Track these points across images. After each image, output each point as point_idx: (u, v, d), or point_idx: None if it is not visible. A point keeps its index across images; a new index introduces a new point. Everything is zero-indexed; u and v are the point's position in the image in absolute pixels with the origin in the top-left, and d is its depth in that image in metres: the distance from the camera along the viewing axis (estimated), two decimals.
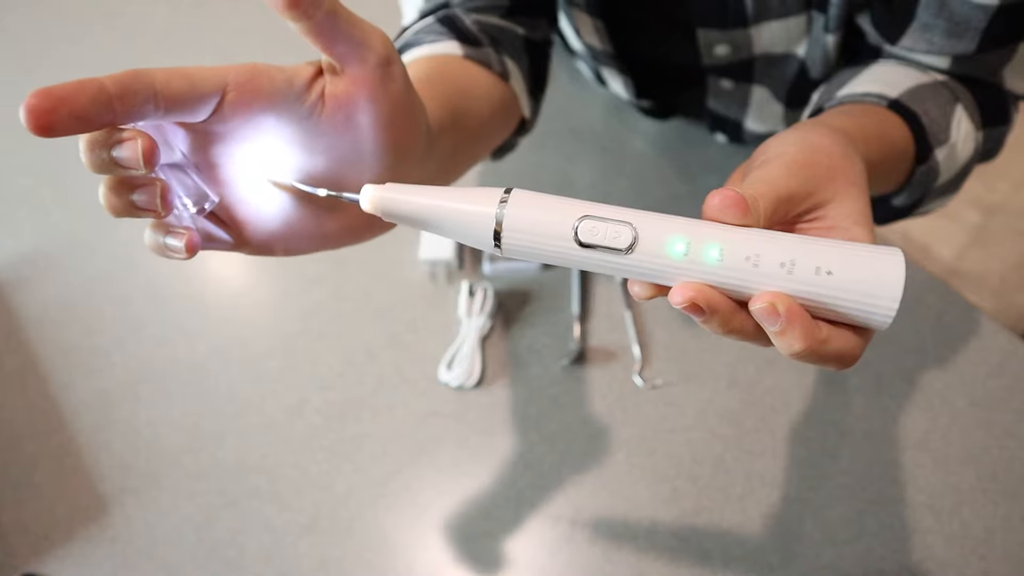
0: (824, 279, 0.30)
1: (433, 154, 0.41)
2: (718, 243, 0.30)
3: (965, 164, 0.54)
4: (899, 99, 0.49)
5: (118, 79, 0.28)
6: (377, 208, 0.33)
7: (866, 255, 0.30)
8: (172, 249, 0.32)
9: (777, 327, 0.30)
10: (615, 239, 0.31)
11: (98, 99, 0.27)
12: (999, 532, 0.60)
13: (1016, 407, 0.66)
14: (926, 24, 0.50)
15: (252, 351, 0.73)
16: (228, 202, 0.35)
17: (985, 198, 0.82)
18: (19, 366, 0.73)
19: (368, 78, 0.33)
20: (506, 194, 0.32)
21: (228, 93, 0.31)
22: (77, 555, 0.63)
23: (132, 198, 0.31)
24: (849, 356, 0.32)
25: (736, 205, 0.31)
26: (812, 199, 0.34)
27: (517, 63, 0.56)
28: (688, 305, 0.30)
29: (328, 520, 0.64)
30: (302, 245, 0.38)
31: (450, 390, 0.69)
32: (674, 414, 0.67)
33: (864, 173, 0.37)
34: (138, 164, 0.29)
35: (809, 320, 0.30)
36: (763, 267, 0.30)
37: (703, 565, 0.60)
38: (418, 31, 0.54)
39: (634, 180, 0.83)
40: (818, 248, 0.30)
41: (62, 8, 1.10)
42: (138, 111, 0.28)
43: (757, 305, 0.30)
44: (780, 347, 0.31)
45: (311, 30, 0.30)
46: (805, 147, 0.36)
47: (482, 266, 0.76)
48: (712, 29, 0.60)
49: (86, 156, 0.29)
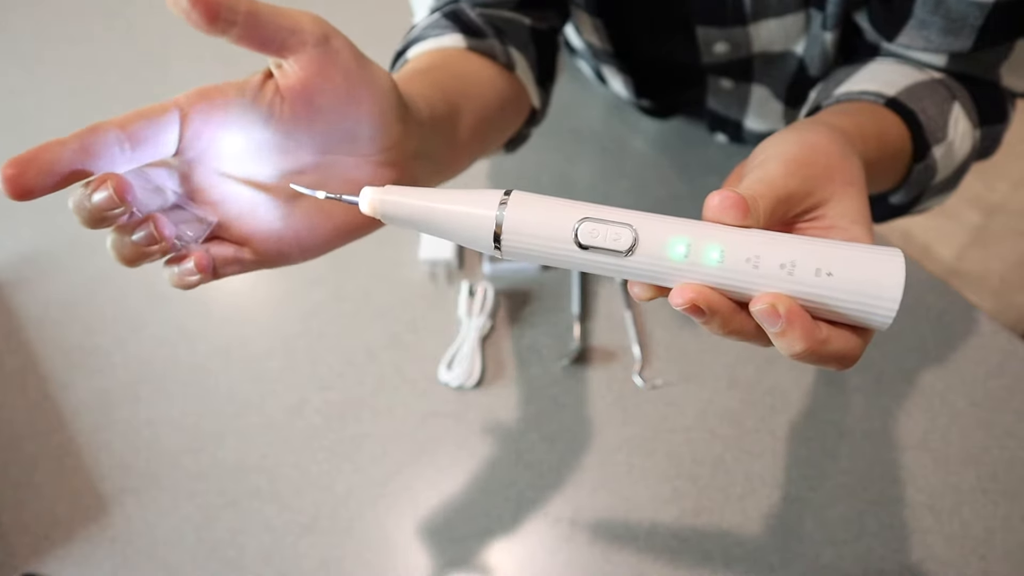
0: (824, 280, 0.30)
1: (425, 133, 0.41)
2: (718, 244, 0.30)
3: (963, 162, 0.54)
4: (896, 97, 0.50)
5: (77, 133, 0.30)
6: (376, 211, 0.33)
7: (866, 256, 0.30)
8: (187, 273, 0.34)
9: (778, 328, 0.30)
10: (615, 241, 0.31)
11: (60, 153, 0.29)
12: (999, 532, 0.60)
13: (1016, 407, 0.66)
14: (923, 21, 0.50)
15: (252, 351, 0.73)
16: (228, 220, 0.36)
17: (985, 198, 0.82)
18: (19, 366, 0.73)
19: (312, 60, 0.33)
20: (506, 196, 0.32)
21: (186, 117, 0.32)
22: (77, 555, 0.63)
23: (134, 240, 0.32)
24: (849, 356, 0.32)
25: (736, 206, 0.31)
26: (811, 199, 0.34)
27: (523, 53, 0.56)
28: (688, 306, 0.30)
29: (328, 520, 0.64)
30: (316, 243, 0.39)
31: (450, 390, 0.69)
32: (674, 414, 0.67)
33: (862, 172, 0.37)
34: (115, 201, 0.30)
35: (809, 321, 0.30)
36: (763, 268, 0.30)
37: (703, 565, 0.60)
38: (424, 27, 0.55)
39: (634, 180, 0.83)
40: (818, 249, 0.30)
41: (62, 8, 1.10)
42: (107, 157, 0.30)
43: (758, 306, 0.30)
44: (780, 348, 0.31)
45: (240, 37, 0.31)
46: (803, 146, 0.36)
47: (482, 266, 0.76)
48: (711, 27, 0.60)
49: (78, 216, 0.31)
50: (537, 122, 0.60)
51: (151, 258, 0.33)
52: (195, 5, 0.29)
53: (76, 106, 0.95)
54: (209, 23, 0.30)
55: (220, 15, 0.30)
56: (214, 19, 0.30)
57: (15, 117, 0.95)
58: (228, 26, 0.30)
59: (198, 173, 0.35)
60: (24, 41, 1.06)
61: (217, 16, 0.30)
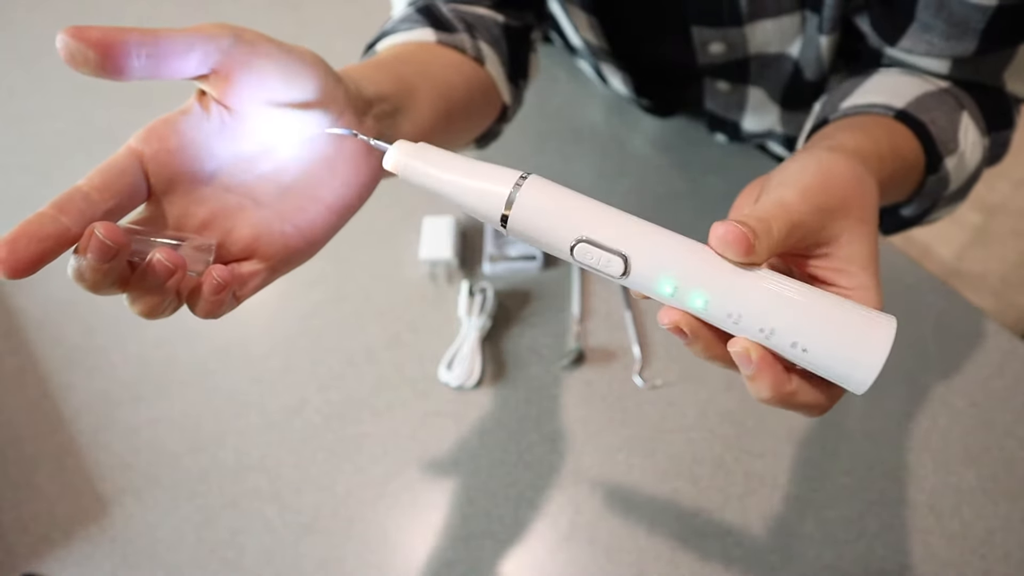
0: (799, 353, 0.31)
1: (371, 100, 0.41)
2: (704, 294, 0.31)
3: (974, 171, 0.54)
4: (906, 109, 0.49)
5: (53, 201, 0.30)
6: (400, 164, 0.34)
7: (856, 322, 0.30)
8: (211, 292, 0.33)
9: (749, 372, 0.32)
10: (607, 266, 0.32)
11: (42, 223, 0.29)
12: (999, 532, 0.60)
13: (1016, 407, 0.66)
14: (925, 25, 0.50)
15: (252, 351, 0.73)
16: (226, 236, 0.36)
17: (985, 198, 0.82)
18: (19, 366, 0.73)
19: (232, 58, 0.33)
20: (523, 179, 0.33)
21: (144, 158, 0.33)
22: (77, 555, 0.63)
23: (148, 285, 0.32)
24: (816, 409, 0.33)
25: (738, 242, 0.30)
26: (824, 232, 0.34)
27: (494, 48, 0.56)
28: (673, 328, 0.32)
29: (328, 520, 0.64)
30: (315, 228, 0.38)
31: (450, 390, 0.69)
32: (674, 414, 0.67)
33: (876, 203, 0.37)
34: (110, 247, 0.30)
35: (780, 372, 0.32)
36: (742, 327, 0.31)
37: (703, 565, 0.60)
38: (397, 20, 0.55)
39: (635, 179, 0.83)
40: (802, 318, 0.30)
41: (62, 8, 1.10)
42: (81, 216, 0.30)
43: (734, 348, 0.32)
44: (751, 391, 0.33)
45: (153, 69, 0.31)
46: (820, 174, 0.36)
47: (482, 266, 0.76)
48: (706, 27, 0.60)
49: (88, 286, 0.31)
50: (508, 119, 0.60)
51: (167, 301, 0.33)
52: (92, 45, 0.28)
53: (76, 106, 0.95)
54: (116, 72, 0.29)
55: (120, 64, 0.29)
56: (119, 70, 0.29)
57: (15, 117, 0.95)
58: (132, 65, 0.30)
59: (179, 205, 0.35)
60: (24, 41, 1.06)
61: (121, 67, 0.29)
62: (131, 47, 0.29)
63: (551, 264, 0.76)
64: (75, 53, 0.28)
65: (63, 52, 0.28)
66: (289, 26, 1.04)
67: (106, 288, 0.31)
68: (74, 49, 0.28)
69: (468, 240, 0.78)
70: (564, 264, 0.76)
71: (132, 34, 0.29)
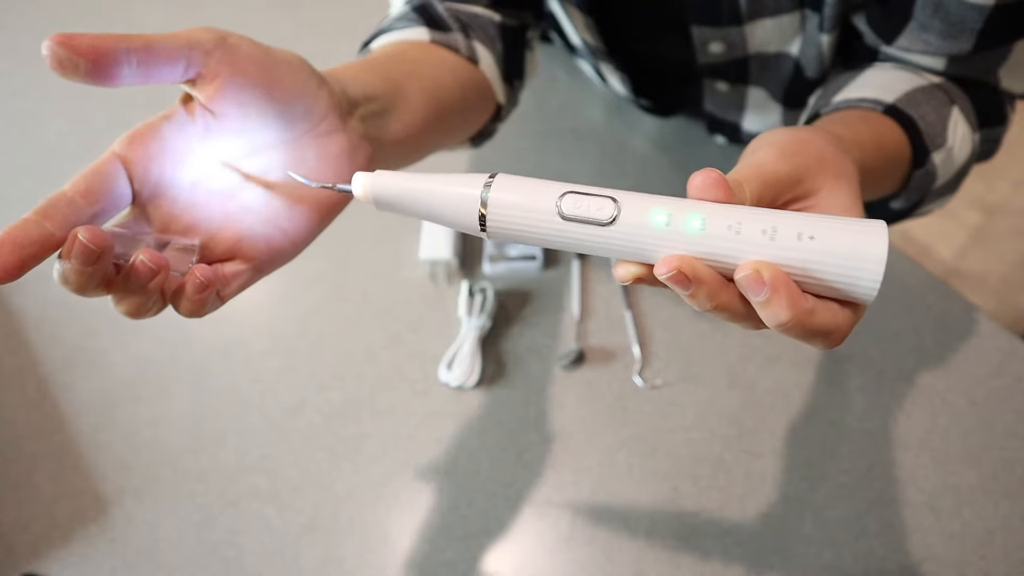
0: (807, 244, 0.30)
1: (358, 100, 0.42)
2: (700, 213, 0.31)
3: (963, 166, 0.54)
4: (895, 104, 0.50)
5: (38, 207, 0.30)
6: (369, 195, 0.34)
7: (850, 227, 0.30)
8: (194, 292, 0.34)
9: (762, 296, 0.29)
10: (598, 211, 0.31)
11: (26, 229, 0.29)
12: (999, 532, 0.60)
13: (1016, 407, 0.66)
14: (922, 24, 0.50)
15: (252, 351, 0.73)
16: (209, 238, 0.37)
17: (985, 198, 0.82)
18: (19, 366, 0.73)
19: (220, 62, 0.34)
20: (491, 178, 0.33)
21: (128, 162, 0.33)
22: (77, 555, 0.63)
23: (132, 286, 0.33)
24: (836, 332, 0.31)
25: (718, 185, 0.31)
26: (800, 186, 0.34)
27: (489, 48, 0.56)
28: (674, 274, 0.30)
29: (328, 520, 0.64)
30: (299, 229, 0.39)
31: (450, 390, 0.69)
32: (674, 414, 0.67)
33: (855, 169, 0.37)
34: (93, 250, 0.30)
35: (795, 288, 0.30)
36: (745, 234, 0.30)
37: (703, 565, 0.60)
38: (393, 19, 0.55)
39: (634, 179, 0.83)
40: (800, 217, 0.31)
41: (62, 8, 1.10)
42: (65, 221, 0.30)
43: (742, 273, 0.30)
44: (766, 319, 0.30)
45: (143, 75, 0.31)
46: (795, 139, 0.36)
47: (482, 266, 0.76)
48: (706, 26, 0.60)
49: (74, 288, 0.31)
50: (503, 118, 0.60)
51: (154, 298, 0.34)
52: (83, 53, 0.29)
53: (76, 107, 0.95)
54: (104, 79, 0.30)
55: (106, 71, 0.29)
56: (106, 75, 0.30)
57: (15, 117, 0.95)
58: (119, 73, 0.30)
59: (165, 208, 0.35)
60: (24, 41, 1.06)
61: (108, 74, 0.30)
62: (121, 55, 0.30)
63: (551, 264, 0.76)
64: (64, 61, 0.29)
65: (50, 59, 0.29)
66: (288, 27, 1.04)
67: (91, 290, 0.32)
68: (63, 57, 0.29)
69: (468, 240, 0.78)
70: (564, 264, 0.76)
71: (122, 42, 0.30)
